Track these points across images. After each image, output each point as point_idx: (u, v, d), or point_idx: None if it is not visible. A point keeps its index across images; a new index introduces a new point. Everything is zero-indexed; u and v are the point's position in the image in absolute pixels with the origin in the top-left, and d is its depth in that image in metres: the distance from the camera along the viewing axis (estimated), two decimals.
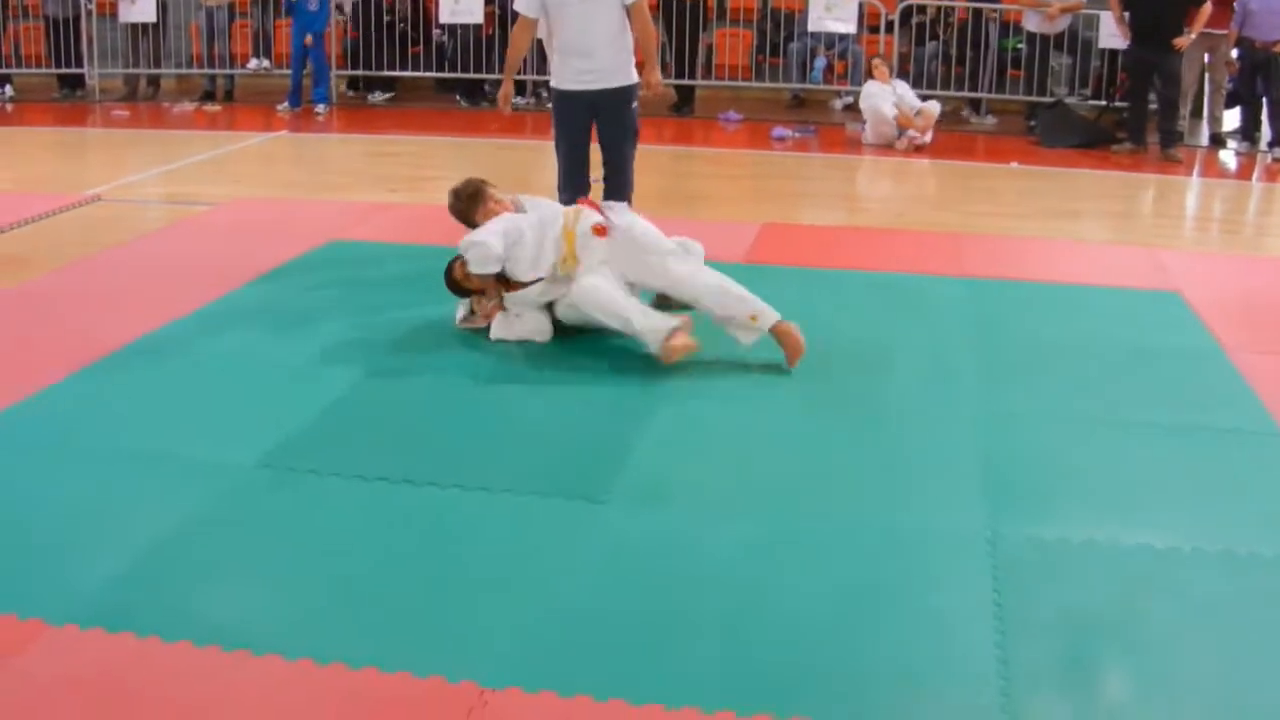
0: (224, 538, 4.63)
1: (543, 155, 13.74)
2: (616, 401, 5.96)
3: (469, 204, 7.18)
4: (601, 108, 8.18)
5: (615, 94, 8.14)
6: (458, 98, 16.95)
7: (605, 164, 8.45)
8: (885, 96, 13.73)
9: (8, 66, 17.27)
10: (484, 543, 4.60)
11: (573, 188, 8.26)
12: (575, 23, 7.99)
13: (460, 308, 6.90)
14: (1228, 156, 14.17)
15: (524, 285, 6.61)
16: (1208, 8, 13.32)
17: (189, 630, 3.96)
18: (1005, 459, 5.38)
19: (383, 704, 3.66)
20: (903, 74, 14.78)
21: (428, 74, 17.16)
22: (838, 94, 16.91)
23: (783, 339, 6.37)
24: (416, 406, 5.86)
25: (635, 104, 8.22)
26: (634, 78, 8.21)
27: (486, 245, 6.54)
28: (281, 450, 5.35)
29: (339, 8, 16.73)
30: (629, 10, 8.06)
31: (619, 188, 8.36)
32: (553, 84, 8.31)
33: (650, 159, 12.08)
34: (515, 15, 8.12)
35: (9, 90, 17.14)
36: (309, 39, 15.82)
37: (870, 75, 14.06)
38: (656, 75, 8.23)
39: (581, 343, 6.64)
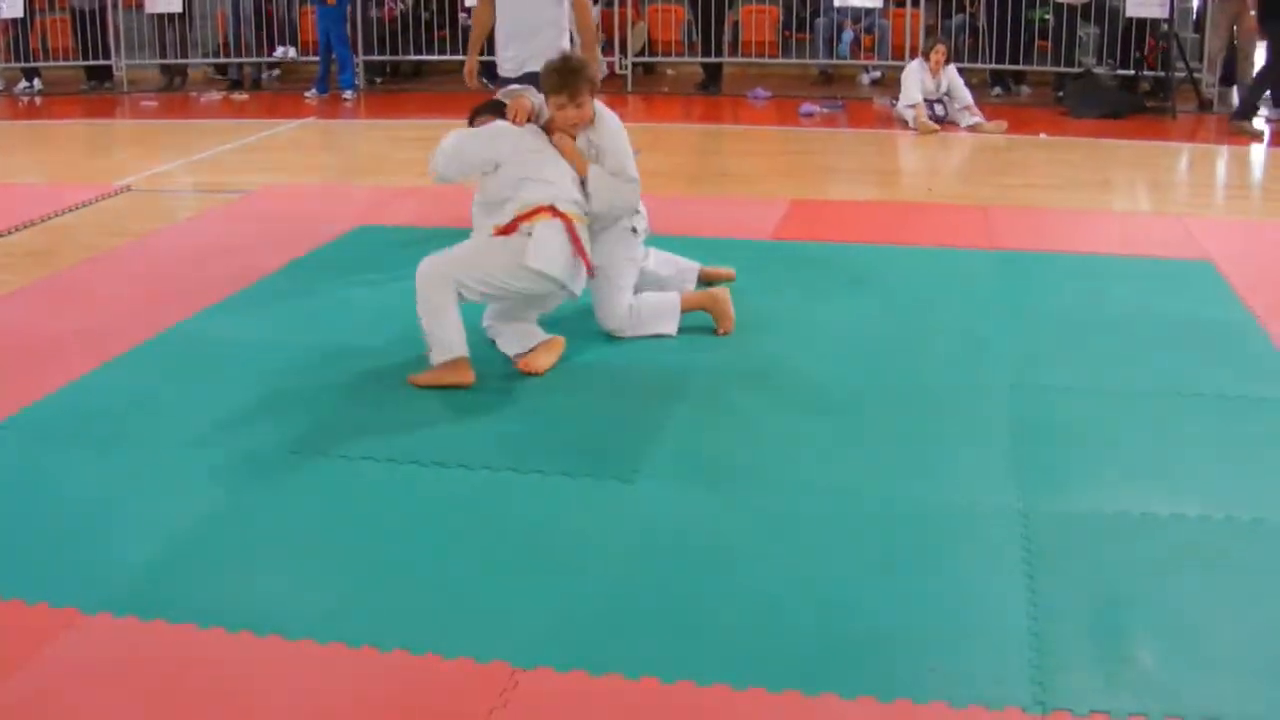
0: (254, 524, 4.65)
1: None
2: (645, 380, 5.96)
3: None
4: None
5: (535, 77, 8.02)
6: (484, 81, 16.90)
7: None
8: (916, 77, 13.52)
9: (35, 60, 17.33)
10: (513, 524, 4.61)
11: None
12: (513, 8, 8.03)
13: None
14: (1258, 124, 14.06)
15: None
16: None
17: (221, 616, 3.97)
18: (1036, 431, 5.36)
19: (414, 686, 3.67)
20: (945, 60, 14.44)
21: (455, 57, 17.15)
22: (865, 68, 16.88)
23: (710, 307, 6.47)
24: (445, 390, 5.85)
25: None
26: None
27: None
28: (312, 435, 5.37)
29: None
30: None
31: None
32: (499, 73, 8.24)
33: (679, 137, 12.10)
34: None
35: (37, 84, 17.20)
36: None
37: (924, 55, 13.75)
38: (594, 67, 7.88)
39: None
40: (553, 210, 6.04)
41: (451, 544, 4.48)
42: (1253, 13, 13.70)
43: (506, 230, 6.00)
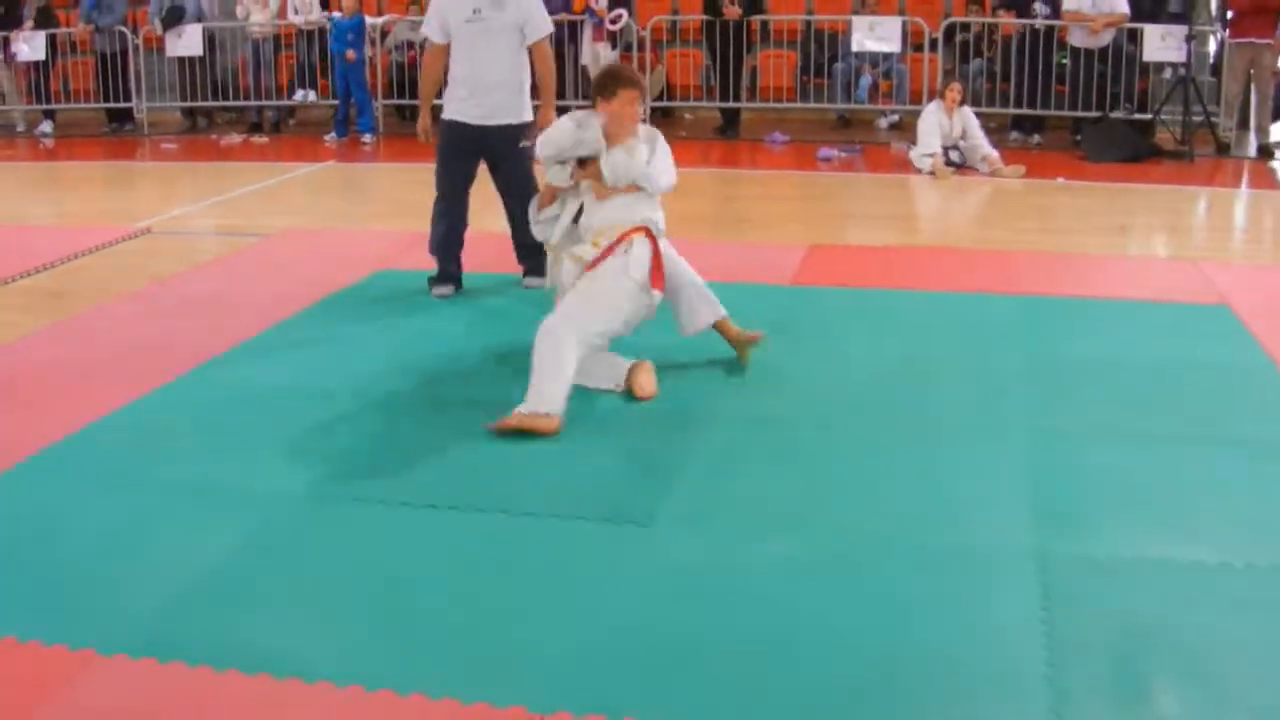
0: (271, 566, 4.65)
1: None
2: (662, 424, 5.96)
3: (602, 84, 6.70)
4: (492, 144, 8.08)
5: (507, 131, 8.06)
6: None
7: (513, 221, 8.26)
8: (933, 122, 13.54)
9: (56, 102, 17.43)
10: (530, 568, 4.61)
11: (448, 222, 8.20)
12: (471, 53, 7.96)
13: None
14: (1277, 167, 14.08)
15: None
16: None
17: (239, 659, 3.98)
18: (1054, 476, 5.36)
19: None
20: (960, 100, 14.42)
21: None
22: (883, 113, 16.91)
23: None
24: (461, 434, 5.86)
25: (527, 143, 7.82)
26: (527, 116, 8.14)
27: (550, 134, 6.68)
28: (327, 479, 5.38)
29: (378, 40, 16.87)
30: (531, 48, 8.08)
31: (533, 250, 7.84)
32: (444, 115, 8.18)
33: (697, 182, 12.12)
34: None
35: (48, 126, 17.31)
36: (350, 54, 15.94)
37: (940, 96, 13.81)
38: (551, 115, 7.91)
39: None
40: (645, 230, 6.33)
41: (469, 588, 4.47)
42: None
43: (605, 255, 6.27)
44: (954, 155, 13.39)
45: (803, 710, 3.72)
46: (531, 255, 8.06)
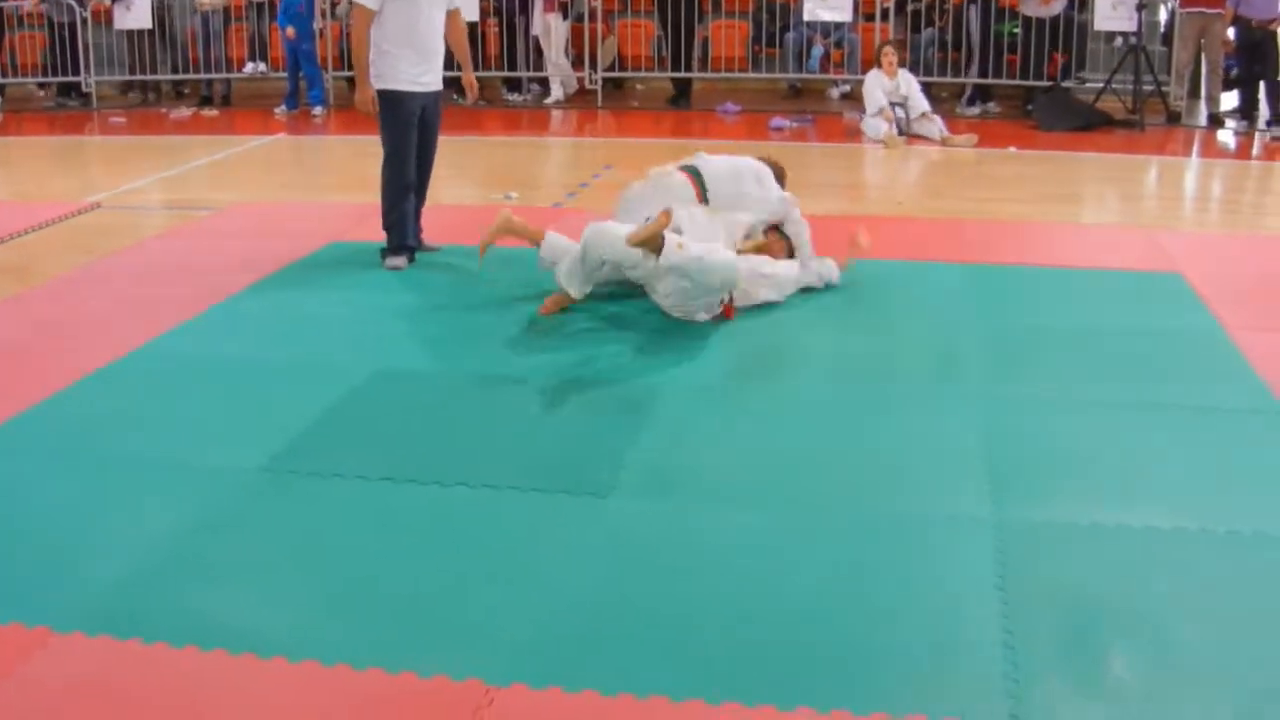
0: (228, 541, 4.63)
1: (541, 153, 13.81)
2: (619, 396, 5.95)
3: None
4: (429, 110, 8.23)
5: (438, 96, 8.26)
6: (454, 96, 16.87)
7: (421, 172, 8.40)
8: (874, 84, 13.71)
9: (5, 76, 17.27)
10: (488, 540, 4.60)
11: (407, 199, 8.26)
12: (422, 21, 7.99)
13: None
14: (1226, 136, 14.15)
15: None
16: None
17: (195, 634, 3.96)
18: (1008, 443, 5.38)
19: (388, 704, 3.66)
20: (900, 62, 14.54)
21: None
22: (835, 83, 16.92)
23: None
24: (418, 406, 5.86)
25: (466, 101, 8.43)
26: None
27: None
28: (284, 453, 5.35)
29: (328, 11, 16.77)
30: (450, 15, 8.23)
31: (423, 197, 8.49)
32: (382, 85, 8.05)
33: (649, 152, 12.08)
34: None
35: None
36: (290, 31, 15.85)
37: (877, 64, 13.94)
38: (472, 75, 8.65)
39: (581, 337, 6.65)
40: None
41: (426, 561, 4.46)
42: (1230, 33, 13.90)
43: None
44: (899, 112, 13.47)
45: (762, 679, 3.73)
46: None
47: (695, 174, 7.70)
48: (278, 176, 12.46)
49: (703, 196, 7.53)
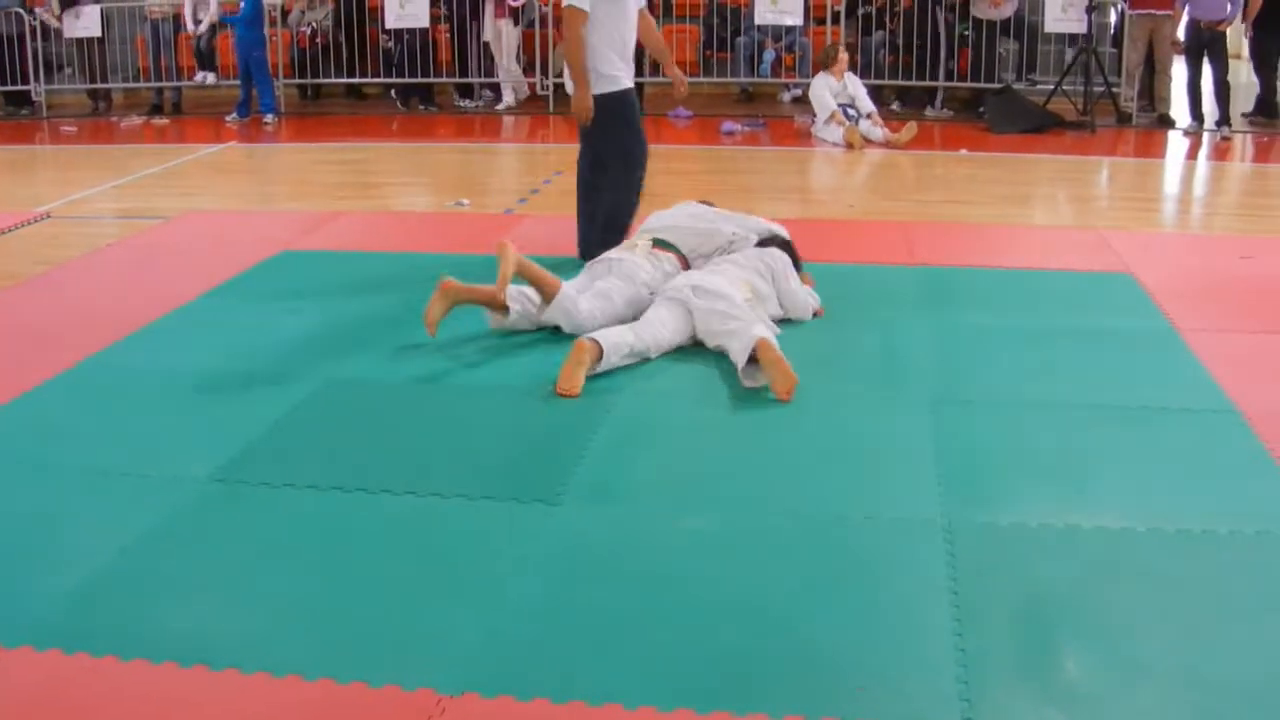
0: (178, 553, 4.59)
1: (492, 159, 13.78)
2: (570, 403, 5.93)
3: None
4: None
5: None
6: (397, 102, 16.87)
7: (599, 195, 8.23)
8: (822, 87, 13.84)
9: None
10: (438, 549, 4.59)
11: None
12: (626, 22, 7.90)
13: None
14: (1176, 137, 14.23)
15: None
16: None
17: (145, 648, 3.93)
18: (959, 446, 5.39)
19: (340, 714, 3.64)
20: (850, 65, 14.57)
21: (375, 80, 17.17)
22: (786, 86, 16.95)
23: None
24: (369, 415, 5.84)
25: None
26: None
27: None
28: (234, 463, 5.32)
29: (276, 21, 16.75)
30: (640, 13, 8.13)
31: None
32: (605, 89, 7.87)
33: None
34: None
35: None
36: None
37: (824, 66, 13.98)
38: (677, 69, 8.87)
39: (532, 346, 6.63)
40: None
41: (377, 570, 4.44)
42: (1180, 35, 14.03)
43: None
44: (849, 112, 13.54)
45: (714, 684, 3.72)
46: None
47: (665, 245, 7.19)
48: (229, 185, 12.40)
49: (686, 261, 7.21)
